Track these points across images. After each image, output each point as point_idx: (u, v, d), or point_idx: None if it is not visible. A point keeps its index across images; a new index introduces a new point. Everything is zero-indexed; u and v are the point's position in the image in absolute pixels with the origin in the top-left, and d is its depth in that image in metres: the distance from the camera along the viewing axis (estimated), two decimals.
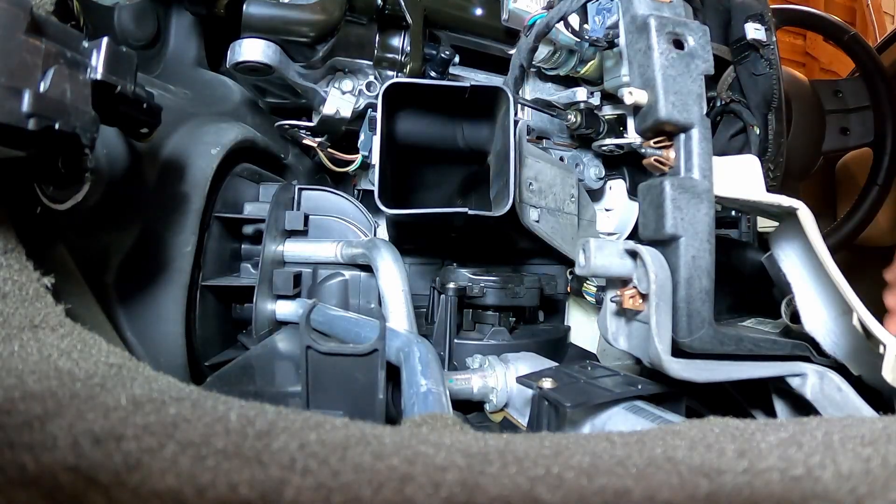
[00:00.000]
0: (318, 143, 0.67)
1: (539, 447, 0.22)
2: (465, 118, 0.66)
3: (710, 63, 0.35)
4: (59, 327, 0.29)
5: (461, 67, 0.70)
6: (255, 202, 0.65)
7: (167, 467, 0.17)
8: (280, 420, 0.21)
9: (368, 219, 0.67)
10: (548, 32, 0.57)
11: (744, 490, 0.19)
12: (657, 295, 0.33)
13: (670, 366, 0.33)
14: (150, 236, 0.50)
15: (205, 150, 0.54)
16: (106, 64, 0.32)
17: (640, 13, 0.35)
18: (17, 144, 0.28)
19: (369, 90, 0.65)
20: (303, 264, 0.64)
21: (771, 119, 0.68)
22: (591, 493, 0.18)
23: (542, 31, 0.57)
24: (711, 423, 0.26)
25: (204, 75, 0.70)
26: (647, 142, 0.36)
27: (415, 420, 0.28)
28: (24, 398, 0.20)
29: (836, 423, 0.24)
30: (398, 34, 0.64)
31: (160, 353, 0.50)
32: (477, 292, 0.59)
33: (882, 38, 1.27)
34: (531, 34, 0.58)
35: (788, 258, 0.37)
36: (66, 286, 0.36)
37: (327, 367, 0.39)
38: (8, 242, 0.30)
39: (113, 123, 0.37)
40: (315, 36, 0.58)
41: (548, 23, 0.56)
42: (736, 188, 0.35)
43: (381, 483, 0.18)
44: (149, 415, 0.20)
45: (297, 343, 0.41)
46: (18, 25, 0.26)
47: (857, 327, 0.33)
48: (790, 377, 0.36)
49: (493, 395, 0.51)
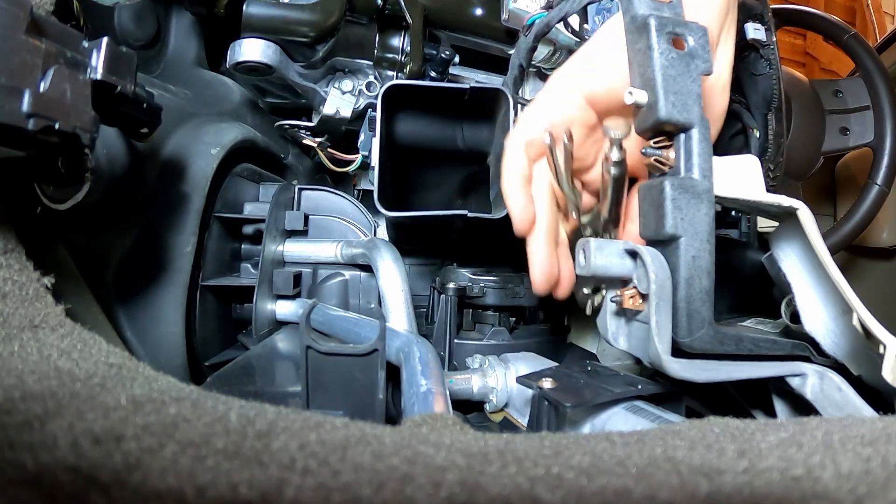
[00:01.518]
0: (318, 143, 0.67)
1: (539, 447, 0.22)
2: (464, 119, 0.66)
3: (710, 63, 0.35)
4: (59, 327, 0.29)
5: (461, 67, 0.70)
6: (255, 202, 0.65)
7: (167, 467, 0.17)
8: (280, 420, 0.21)
9: (368, 219, 0.67)
10: (547, 32, 0.57)
11: (744, 490, 0.19)
12: (657, 295, 0.33)
13: (670, 366, 0.33)
14: (150, 236, 0.50)
15: (205, 150, 0.54)
16: (106, 64, 0.32)
17: (640, 13, 0.35)
18: (17, 144, 0.28)
19: (369, 90, 0.65)
20: (303, 264, 0.64)
21: (771, 119, 0.68)
22: (591, 493, 0.18)
23: (542, 31, 0.57)
24: (711, 423, 0.26)
25: (204, 75, 0.70)
26: (647, 142, 0.36)
27: (415, 420, 0.28)
28: (24, 398, 0.20)
29: (836, 423, 0.24)
30: (398, 34, 0.64)
31: (160, 353, 0.50)
32: (477, 292, 0.59)
33: (882, 38, 1.27)
34: (531, 34, 0.58)
35: (788, 258, 0.37)
36: (66, 286, 0.36)
37: (327, 367, 0.39)
38: (8, 242, 0.30)
39: (113, 123, 0.37)
40: (315, 36, 0.58)
41: (548, 23, 0.56)
42: (736, 188, 0.35)
43: (381, 483, 0.18)
44: (149, 415, 0.20)
45: (297, 343, 0.41)
46: (18, 25, 0.26)
47: (857, 327, 0.33)
48: (790, 377, 0.36)
49: (493, 395, 0.51)
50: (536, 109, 0.42)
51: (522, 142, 0.41)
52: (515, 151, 0.42)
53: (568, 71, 0.42)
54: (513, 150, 0.42)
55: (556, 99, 0.41)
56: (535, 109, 0.42)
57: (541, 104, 0.42)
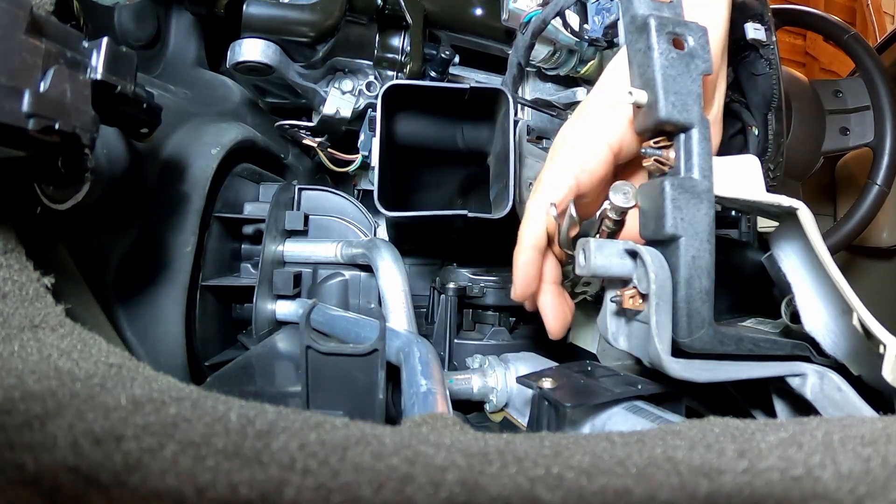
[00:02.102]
0: (318, 143, 0.67)
1: (539, 447, 0.22)
2: (464, 119, 0.66)
3: (710, 63, 0.35)
4: (59, 327, 0.29)
5: (461, 67, 0.70)
6: (255, 202, 0.65)
7: (167, 467, 0.17)
8: (280, 420, 0.21)
9: (368, 219, 0.67)
10: (544, 28, 0.57)
11: (744, 490, 0.19)
12: (657, 295, 0.33)
13: (670, 366, 0.33)
14: (150, 236, 0.50)
15: (205, 150, 0.54)
16: (106, 64, 0.32)
17: (640, 13, 0.35)
18: (17, 144, 0.28)
19: (369, 90, 0.65)
20: (303, 264, 0.64)
21: (771, 119, 0.68)
22: (591, 493, 0.18)
23: (539, 28, 0.57)
24: (711, 423, 0.26)
25: (204, 75, 0.70)
26: (647, 142, 0.36)
27: (415, 420, 0.28)
28: (24, 398, 0.20)
29: (836, 423, 0.24)
30: (398, 34, 0.64)
31: (160, 353, 0.50)
32: (477, 292, 0.59)
33: (882, 38, 1.27)
34: (527, 31, 0.58)
35: (788, 258, 0.37)
36: (66, 286, 0.36)
37: (327, 367, 0.39)
38: (8, 242, 0.30)
39: (113, 123, 0.37)
40: (315, 36, 0.58)
41: (543, 19, 0.56)
42: (736, 188, 0.35)
43: (381, 483, 0.18)
44: (149, 415, 0.20)
45: (297, 343, 0.41)
46: (18, 25, 0.26)
47: (857, 327, 0.33)
48: (790, 377, 0.36)
49: (493, 395, 0.51)
50: (561, 167, 0.38)
51: (546, 204, 0.38)
52: (537, 218, 0.38)
53: (591, 120, 0.39)
54: (535, 214, 0.39)
55: (581, 154, 0.38)
56: (560, 167, 0.38)
57: (565, 161, 0.38)
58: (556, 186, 0.38)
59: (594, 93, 0.41)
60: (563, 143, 0.40)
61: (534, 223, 0.39)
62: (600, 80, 0.41)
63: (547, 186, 0.39)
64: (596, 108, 0.40)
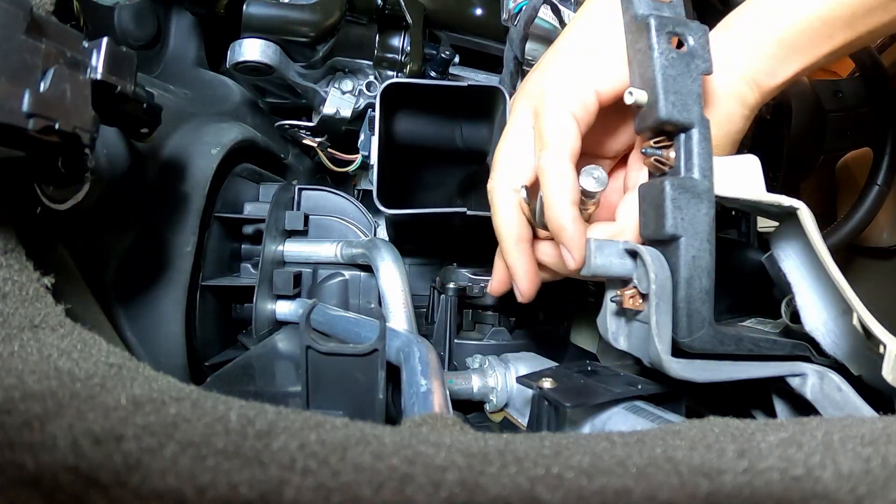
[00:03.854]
0: (318, 143, 0.67)
1: (539, 447, 0.22)
2: (463, 118, 0.66)
3: (710, 63, 0.35)
4: (59, 327, 0.29)
5: (461, 67, 0.70)
6: (255, 202, 0.65)
7: (167, 467, 0.17)
8: (280, 420, 0.21)
9: (368, 219, 0.67)
10: (535, 16, 0.56)
11: (744, 490, 0.19)
12: (657, 295, 0.33)
13: (670, 366, 0.33)
14: (150, 236, 0.50)
15: (205, 150, 0.54)
16: (106, 64, 0.32)
17: (640, 13, 0.35)
18: (17, 144, 0.28)
19: (369, 90, 0.65)
20: (303, 264, 0.64)
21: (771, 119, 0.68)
22: (591, 493, 0.18)
23: (531, 17, 0.56)
24: (711, 423, 0.26)
25: (204, 75, 0.70)
26: (647, 142, 0.36)
27: (415, 420, 0.28)
28: (24, 398, 0.20)
29: (836, 423, 0.24)
30: (398, 34, 0.64)
31: (160, 353, 0.50)
32: (477, 292, 0.59)
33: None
34: (519, 22, 0.57)
35: (788, 258, 0.37)
36: (66, 286, 0.36)
37: (327, 367, 0.39)
38: (8, 242, 0.30)
39: (113, 123, 0.37)
40: (315, 36, 0.58)
41: (534, 6, 0.56)
42: (736, 188, 0.35)
43: (381, 483, 0.18)
44: (149, 415, 0.20)
45: (297, 343, 0.41)
46: (18, 25, 0.26)
47: (857, 327, 0.33)
48: (790, 377, 0.36)
49: (493, 395, 0.51)
50: (559, 104, 0.38)
51: (511, 188, 0.39)
52: (507, 206, 0.39)
53: (572, 64, 0.39)
54: (503, 202, 0.39)
55: (573, 95, 0.38)
56: (557, 104, 0.38)
57: (560, 98, 0.38)
58: (564, 131, 0.37)
59: (568, 38, 0.41)
60: (550, 83, 0.39)
61: (506, 213, 0.40)
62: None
63: (506, 169, 0.40)
64: (571, 50, 0.40)
